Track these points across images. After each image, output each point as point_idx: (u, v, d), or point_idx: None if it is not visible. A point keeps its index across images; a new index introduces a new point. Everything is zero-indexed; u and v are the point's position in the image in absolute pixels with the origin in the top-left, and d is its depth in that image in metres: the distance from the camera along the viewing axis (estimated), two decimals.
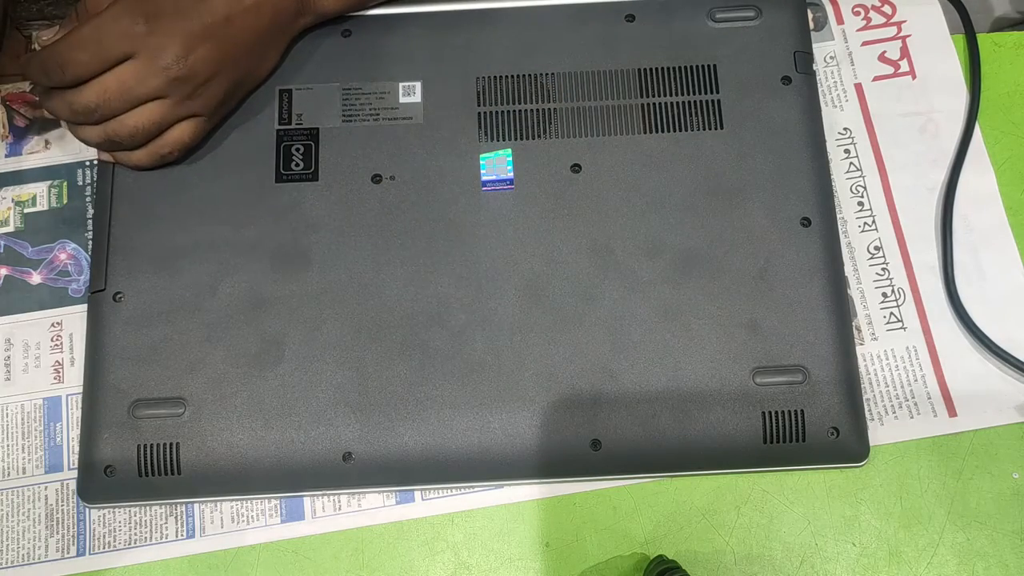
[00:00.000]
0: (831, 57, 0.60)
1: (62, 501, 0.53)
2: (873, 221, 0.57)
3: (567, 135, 0.55)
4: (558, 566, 0.51)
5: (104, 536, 0.52)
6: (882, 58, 0.60)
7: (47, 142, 0.59)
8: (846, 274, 0.55)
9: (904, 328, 0.55)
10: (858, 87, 0.60)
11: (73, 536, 0.52)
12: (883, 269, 0.56)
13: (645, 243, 0.53)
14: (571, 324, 0.52)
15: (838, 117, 0.59)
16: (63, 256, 0.56)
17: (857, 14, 0.61)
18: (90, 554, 0.52)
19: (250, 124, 0.56)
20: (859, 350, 0.54)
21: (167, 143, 0.53)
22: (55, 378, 0.55)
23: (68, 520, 0.52)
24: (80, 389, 0.53)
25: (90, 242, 0.56)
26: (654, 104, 0.56)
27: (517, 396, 0.51)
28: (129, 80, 0.50)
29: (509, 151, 0.55)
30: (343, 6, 0.57)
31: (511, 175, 0.55)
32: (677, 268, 0.53)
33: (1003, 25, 0.68)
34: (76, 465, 0.52)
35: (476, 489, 0.52)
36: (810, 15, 0.60)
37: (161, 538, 0.52)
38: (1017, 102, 0.59)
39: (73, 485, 0.52)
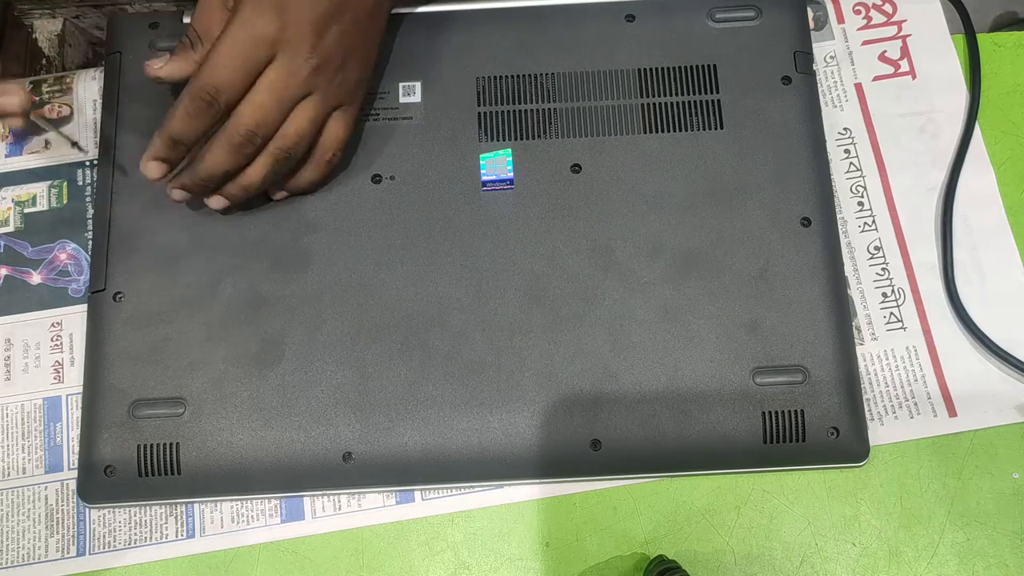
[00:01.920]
0: (831, 57, 0.60)
1: (62, 501, 0.53)
2: (873, 221, 0.57)
3: (567, 135, 0.55)
4: (558, 566, 0.51)
5: (104, 536, 0.52)
6: (882, 58, 0.60)
7: (47, 142, 0.59)
8: (846, 274, 0.55)
9: (904, 328, 0.55)
10: (858, 87, 0.60)
11: (73, 536, 0.52)
12: (883, 269, 0.56)
13: (645, 243, 0.53)
14: (571, 324, 0.52)
15: (838, 117, 0.59)
16: (63, 256, 0.57)
17: (858, 12, 0.61)
18: (90, 554, 0.52)
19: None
20: (859, 350, 0.54)
21: (327, 147, 0.52)
22: (55, 378, 0.55)
23: (68, 520, 0.52)
24: (80, 389, 0.53)
25: (90, 242, 0.56)
26: (654, 104, 0.56)
27: (517, 396, 0.51)
28: (279, 84, 0.49)
29: (509, 151, 0.55)
30: None
31: (511, 175, 0.55)
32: (677, 268, 0.53)
33: (1003, 25, 0.68)
34: (76, 465, 0.52)
35: (476, 489, 0.52)
36: (810, 14, 0.60)
37: (161, 538, 0.52)
38: (1017, 102, 0.59)
39: (73, 485, 0.53)
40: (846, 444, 0.51)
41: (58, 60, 0.69)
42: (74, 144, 0.58)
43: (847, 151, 0.58)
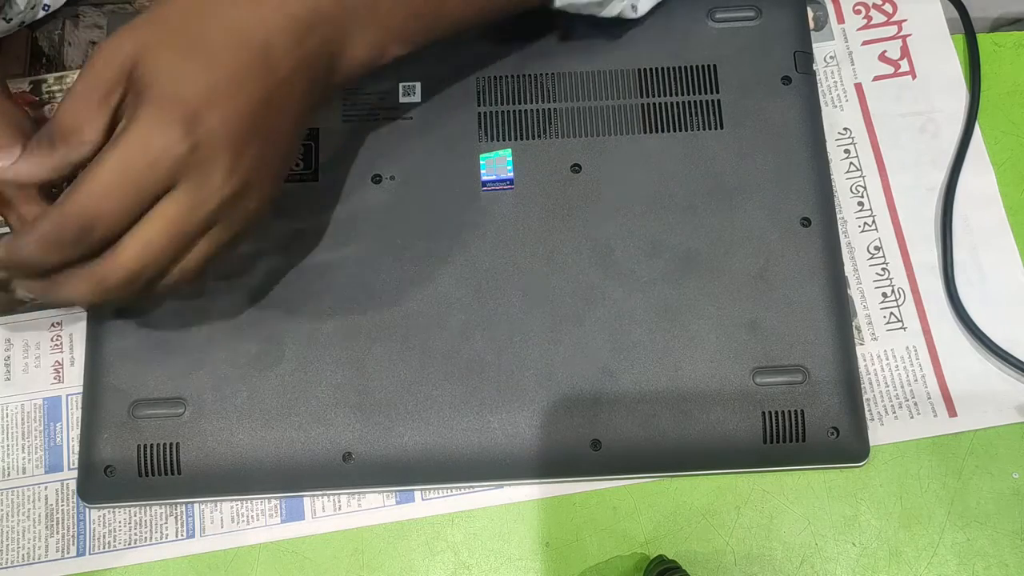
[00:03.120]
0: (831, 57, 0.60)
1: (62, 501, 0.53)
2: (873, 221, 0.57)
3: (567, 135, 0.55)
4: (558, 566, 0.51)
5: (104, 536, 0.52)
6: (882, 58, 0.60)
7: None
8: (846, 274, 0.55)
9: (904, 328, 0.55)
10: (858, 87, 0.60)
11: (73, 536, 0.52)
12: (883, 269, 0.56)
13: (645, 243, 0.53)
14: (571, 324, 0.52)
15: (838, 117, 0.59)
16: None
17: (858, 12, 0.61)
18: (90, 554, 0.52)
19: None
20: (859, 350, 0.54)
21: (194, 263, 0.42)
22: (55, 378, 0.55)
23: (68, 520, 0.52)
24: (80, 389, 0.53)
25: None
26: (654, 104, 0.56)
27: (517, 396, 0.51)
28: (178, 221, 0.39)
29: (509, 151, 0.55)
30: (372, 56, 0.45)
31: (511, 175, 0.55)
32: (677, 268, 0.53)
33: (1003, 25, 0.68)
34: (76, 465, 0.52)
35: (476, 489, 0.52)
36: (810, 14, 0.60)
37: (161, 538, 0.52)
38: (1017, 102, 0.59)
39: (73, 485, 0.52)
40: (846, 444, 0.51)
41: (58, 59, 0.69)
42: None
43: (847, 151, 0.58)
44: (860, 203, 0.57)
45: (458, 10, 0.47)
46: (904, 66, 0.60)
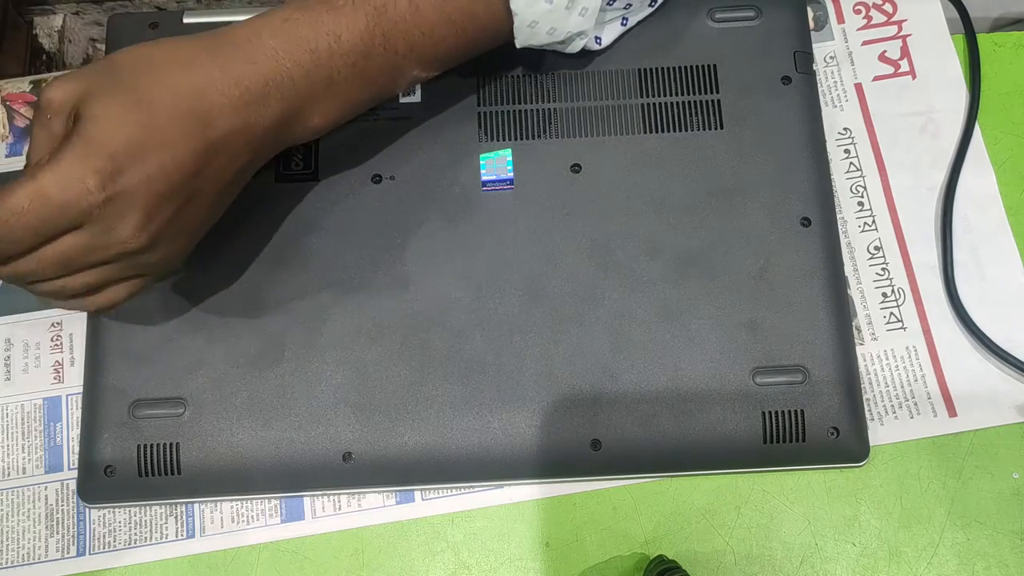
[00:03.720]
0: (831, 57, 0.60)
1: (62, 501, 0.53)
2: (873, 221, 0.57)
3: (567, 135, 0.55)
4: (558, 566, 0.51)
5: (104, 536, 0.52)
6: (882, 58, 0.60)
7: None
8: (846, 274, 0.55)
9: (904, 328, 0.55)
10: (858, 87, 0.60)
11: (73, 536, 0.52)
12: (883, 269, 0.56)
13: (645, 243, 0.53)
14: (571, 324, 0.52)
15: (838, 117, 0.59)
16: None
17: (858, 12, 0.61)
18: (90, 554, 0.52)
19: None
20: (859, 350, 0.54)
21: (95, 303, 0.44)
22: (55, 378, 0.55)
23: (68, 520, 0.52)
24: (80, 389, 0.53)
25: None
26: (654, 104, 0.56)
27: (517, 396, 0.51)
28: (72, 254, 0.40)
29: (509, 151, 0.55)
30: (328, 123, 0.47)
31: (511, 175, 0.55)
32: (677, 268, 0.53)
33: (1003, 25, 0.68)
34: (76, 465, 0.52)
35: (476, 489, 0.52)
36: (810, 14, 0.60)
37: (161, 538, 0.52)
38: (1017, 102, 0.59)
39: (73, 485, 0.52)
40: (846, 444, 0.51)
41: (59, 56, 0.69)
42: None
43: (847, 151, 0.58)
44: (860, 203, 0.57)
45: (415, 70, 0.48)
46: (904, 66, 0.60)
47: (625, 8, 0.54)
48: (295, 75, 0.44)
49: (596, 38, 0.55)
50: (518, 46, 0.51)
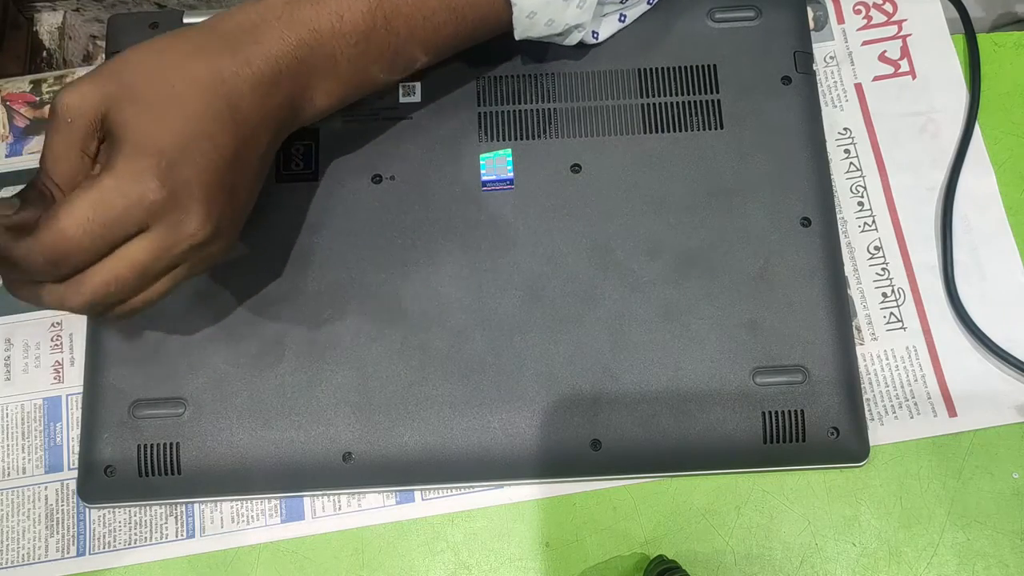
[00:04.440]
0: (831, 57, 0.60)
1: (62, 501, 0.53)
2: (873, 221, 0.57)
3: (567, 135, 0.55)
4: (558, 566, 0.51)
5: (104, 536, 0.52)
6: (882, 58, 0.60)
7: None
8: (846, 274, 0.55)
9: (904, 328, 0.55)
10: (858, 87, 0.60)
11: (73, 536, 0.52)
12: (883, 269, 0.56)
13: (645, 243, 0.53)
14: (571, 324, 0.52)
15: (838, 117, 0.59)
16: None
17: (858, 12, 0.61)
18: (90, 554, 0.52)
19: None
20: (859, 350, 0.54)
21: (155, 295, 0.43)
22: (55, 378, 0.55)
23: (68, 520, 0.52)
24: (80, 389, 0.53)
25: None
26: (654, 104, 0.56)
27: (517, 396, 0.51)
28: (146, 261, 0.40)
29: (509, 151, 0.55)
30: (331, 104, 0.47)
31: (511, 175, 0.55)
32: (677, 268, 0.53)
33: (1003, 25, 0.68)
34: (76, 465, 0.52)
35: (476, 489, 0.52)
36: (810, 14, 0.60)
37: (161, 538, 0.52)
38: (1017, 102, 0.59)
39: (73, 485, 0.52)
40: (846, 444, 0.51)
41: (59, 53, 0.69)
42: None
43: (847, 151, 0.58)
44: (860, 203, 0.57)
45: (416, 54, 0.49)
46: (904, 66, 0.60)
47: (622, 3, 0.54)
48: (300, 54, 0.44)
49: (593, 32, 0.55)
50: (517, 37, 0.51)
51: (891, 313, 0.55)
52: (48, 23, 0.69)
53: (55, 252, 0.39)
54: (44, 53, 0.69)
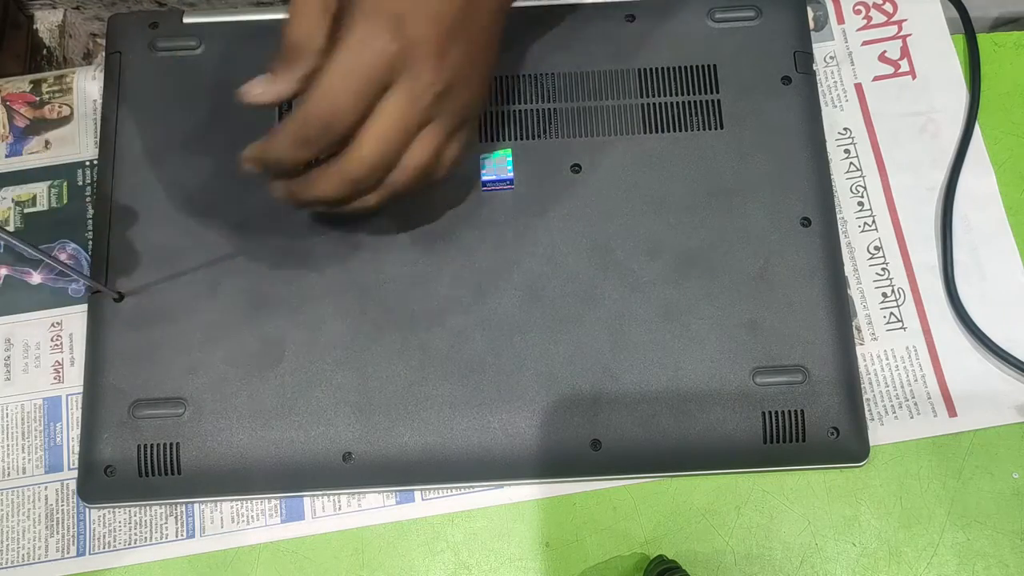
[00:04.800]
0: (831, 57, 0.60)
1: (62, 501, 0.53)
2: (873, 221, 0.57)
3: (567, 135, 0.55)
4: (558, 566, 0.51)
5: (104, 536, 0.52)
6: (882, 58, 0.60)
7: (47, 142, 0.59)
8: (846, 274, 0.55)
9: (904, 328, 0.55)
10: (858, 87, 0.60)
11: (73, 536, 0.52)
12: (883, 269, 0.56)
13: (645, 243, 0.53)
14: (571, 324, 0.52)
15: (838, 117, 0.59)
16: (63, 256, 0.56)
17: (858, 12, 0.61)
18: (90, 554, 0.52)
19: (250, 124, 0.56)
20: (859, 350, 0.54)
21: (443, 167, 0.47)
22: (55, 378, 0.55)
23: (68, 520, 0.52)
24: (80, 389, 0.53)
25: (90, 242, 0.56)
26: (654, 104, 0.56)
27: (517, 396, 0.51)
28: (401, 114, 0.43)
29: (509, 151, 0.55)
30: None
31: (511, 175, 0.55)
32: (677, 268, 0.53)
33: (1003, 25, 0.68)
34: (76, 465, 0.52)
35: (476, 489, 0.52)
36: (810, 14, 0.60)
37: (161, 538, 0.52)
38: (1017, 102, 0.59)
39: (73, 485, 0.52)
40: (846, 444, 0.51)
41: (59, 51, 0.68)
42: None
43: (847, 151, 0.58)
44: (860, 203, 0.57)
45: None
46: (904, 66, 0.60)
47: None
48: None
49: None
50: None
51: (891, 313, 0.55)
52: (48, 21, 0.69)
53: (329, 111, 0.43)
54: (44, 51, 0.69)
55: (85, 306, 0.55)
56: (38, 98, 0.60)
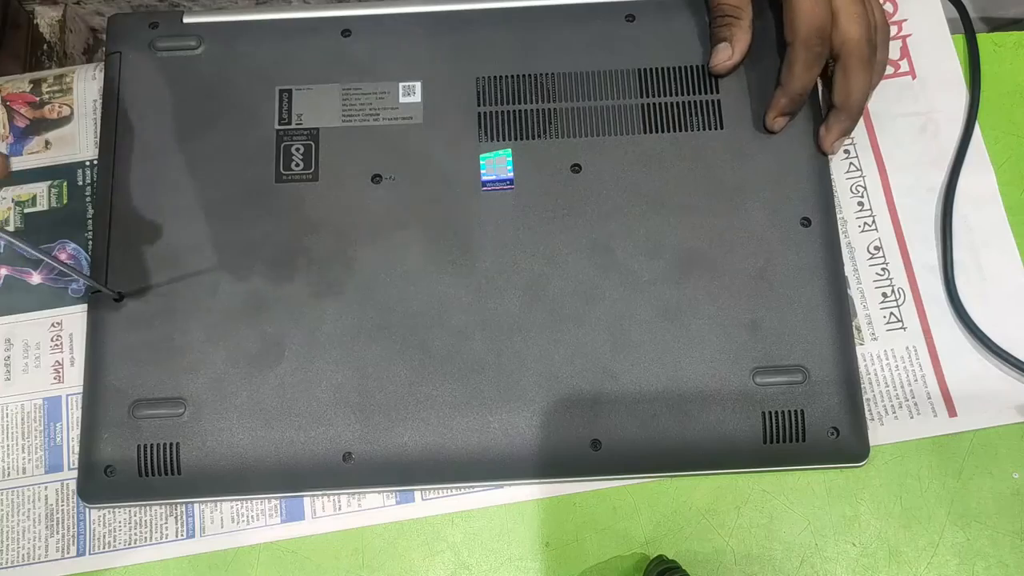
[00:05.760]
0: None
1: (62, 501, 0.53)
2: (873, 221, 0.57)
3: (567, 135, 0.55)
4: (558, 566, 0.51)
5: (104, 536, 0.52)
6: None
7: (47, 142, 0.59)
8: (846, 274, 0.55)
9: (904, 328, 0.55)
10: None
11: (73, 536, 0.52)
12: (883, 269, 0.56)
13: (645, 243, 0.53)
14: (571, 324, 0.52)
15: None
16: (63, 256, 0.56)
17: None
18: (90, 554, 0.52)
19: (250, 124, 0.56)
20: (859, 350, 0.54)
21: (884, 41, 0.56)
22: (55, 378, 0.55)
23: (68, 520, 0.52)
24: (80, 389, 0.53)
25: (90, 242, 0.56)
26: (654, 104, 0.56)
27: (517, 396, 0.51)
28: (858, 15, 0.53)
29: (509, 151, 0.55)
30: None
31: (511, 175, 0.55)
32: (677, 268, 0.53)
33: (1003, 25, 0.68)
34: (76, 465, 0.52)
35: (476, 489, 0.52)
36: None
37: (161, 538, 0.52)
38: (1017, 102, 0.59)
39: (73, 485, 0.53)
40: (846, 444, 0.51)
41: (59, 46, 0.68)
42: None
43: (847, 151, 0.58)
44: (860, 203, 0.57)
45: None
46: (904, 66, 0.60)
47: None
48: None
49: None
50: None
51: (891, 313, 0.55)
52: (48, 16, 0.69)
53: (815, 29, 0.52)
54: (44, 46, 0.69)
55: (85, 306, 0.55)
56: (38, 98, 0.60)
